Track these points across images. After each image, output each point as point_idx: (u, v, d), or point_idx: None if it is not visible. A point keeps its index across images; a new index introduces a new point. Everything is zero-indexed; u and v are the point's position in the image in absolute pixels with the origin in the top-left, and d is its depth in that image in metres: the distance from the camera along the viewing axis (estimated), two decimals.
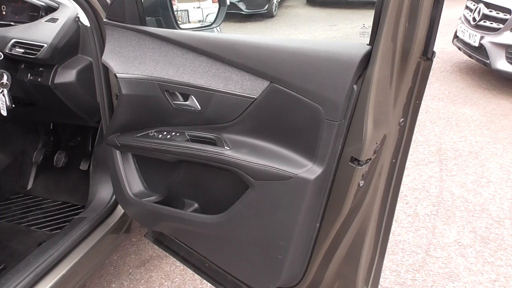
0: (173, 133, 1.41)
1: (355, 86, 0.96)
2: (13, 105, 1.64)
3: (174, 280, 2.11)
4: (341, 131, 1.00)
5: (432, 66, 0.97)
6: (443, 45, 5.85)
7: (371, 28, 0.91)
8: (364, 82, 0.94)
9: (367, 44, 0.94)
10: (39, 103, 1.82)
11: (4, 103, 1.60)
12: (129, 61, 1.40)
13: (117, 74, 1.39)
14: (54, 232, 1.91)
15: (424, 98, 1.02)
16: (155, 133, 1.46)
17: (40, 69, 1.68)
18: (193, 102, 1.31)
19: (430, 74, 0.98)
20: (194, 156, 1.29)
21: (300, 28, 7.85)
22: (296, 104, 1.07)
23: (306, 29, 7.67)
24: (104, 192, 1.89)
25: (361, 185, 1.05)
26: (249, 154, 1.17)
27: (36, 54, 1.58)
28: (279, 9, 9.24)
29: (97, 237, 1.72)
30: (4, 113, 1.61)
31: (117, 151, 1.58)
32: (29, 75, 1.70)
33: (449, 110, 3.91)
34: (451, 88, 4.44)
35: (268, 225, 1.19)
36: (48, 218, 2.02)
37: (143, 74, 1.38)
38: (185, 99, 1.33)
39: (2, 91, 1.60)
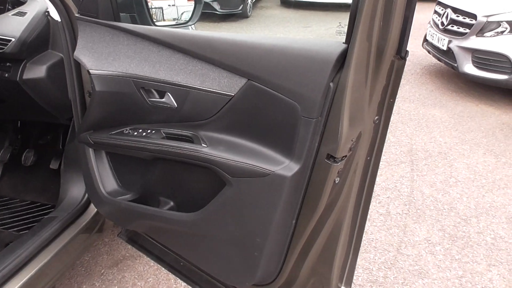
0: (149, 131, 1.39)
1: (331, 84, 0.97)
2: None
3: (148, 280, 2.08)
4: (318, 128, 1.02)
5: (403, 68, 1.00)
6: (413, 48, 6.01)
7: (347, 26, 0.92)
8: (341, 80, 0.96)
9: (343, 43, 0.96)
10: (7, 99, 1.76)
11: None
12: (102, 58, 1.37)
13: (90, 71, 1.36)
14: (22, 232, 1.84)
15: (396, 99, 1.05)
16: (130, 131, 1.44)
17: (7, 64, 1.62)
18: (169, 99, 1.29)
19: (402, 76, 1.01)
20: (170, 153, 1.28)
21: (275, 29, 7.89)
22: (273, 102, 1.07)
23: (281, 30, 7.72)
24: (75, 191, 1.84)
25: (336, 182, 1.06)
26: (226, 151, 1.17)
27: (3, 48, 1.52)
28: (254, 10, 9.25)
29: (68, 237, 1.68)
30: None
31: (90, 149, 1.55)
32: None
33: (419, 111, 4.02)
34: (421, 90, 4.57)
35: (245, 222, 1.19)
36: (16, 219, 1.95)
37: (117, 70, 1.35)
38: (161, 96, 1.32)
39: None
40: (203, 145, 1.21)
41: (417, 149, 3.29)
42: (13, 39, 1.53)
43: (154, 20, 1.94)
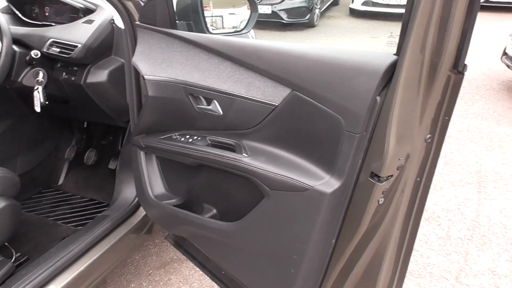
0: (195, 137, 1.41)
1: (378, 98, 0.91)
2: (47, 102, 1.69)
3: (192, 285, 2.10)
4: (362, 144, 0.96)
5: (478, 83, 0.91)
6: (490, 62, 5.59)
7: (398, 37, 0.86)
8: (388, 94, 0.89)
9: (394, 54, 0.89)
10: (72, 101, 1.88)
11: (38, 100, 1.66)
12: (157, 64, 1.41)
13: (144, 76, 1.41)
14: (78, 227, 1.95)
15: (466, 116, 0.96)
16: (178, 136, 1.47)
17: (75, 68, 1.73)
18: (215, 107, 1.30)
19: (475, 91, 0.92)
20: (213, 161, 1.28)
21: (341, 39, 7.75)
22: (317, 114, 1.03)
23: (347, 40, 7.57)
24: (128, 191, 1.91)
25: (380, 202, 0.99)
26: (267, 162, 1.14)
27: (70, 53, 1.63)
28: (321, 19, 9.16)
29: (118, 235, 1.75)
30: (38, 109, 1.67)
31: (141, 152, 1.60)
32: (64, 73, 1.75)
33: (492, 130, 3.70)
34: (497, 107, 4.22)
35: (281, 237, 1.15)
36: (74, 214, 2.07)
37: (169, 76, 1.38)
38: (208, 103, 1.33)
39: (37, 88, 1.66)
40: (244, 154, 1.20)
41: (487, 170, 3.03)
42: (79, 45, 1.64)
43: (212, 28, 1.98)
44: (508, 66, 4.57)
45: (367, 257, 1.11)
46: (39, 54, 1.64)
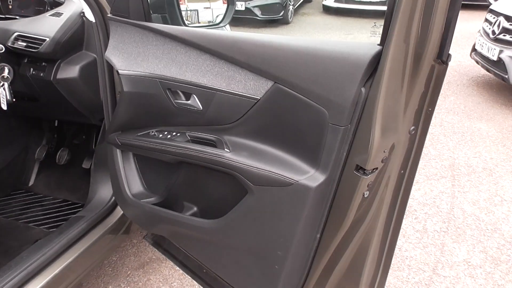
0: (174, 133, 1.37)
1: (363, 89, 0.90)
2: (14, 99, 1.61)
3: (172, 285, 2.06)
4: (347, 137, 0.94)
5: (449, 79, 0.91)
6: (460, 58, 5.75)
7: (382, 27, 0.85)
8: (373, 85, 0.89)
9: (378, 45, 0.88)
10: (41, 98, 1.80)
11: (5, 97, 1.58)
12: (131, 58, 1.36)
13: (119, 71, 1.36)
14: (51, 230, 1.87)
15: (438, 111, 0.96)
16: (156, 133, 1.42)
17: (43, 63, 1.65)
18: (195, 102, 1.26)
19: (446, 87, 0.92)
20: (193, 157, 1.24)
21: (315, 35, 7.79)
22: (300, 107, 1.01)
23: (322, 37, 7.62)
24: (104, 191, 1.85)
25: (366, 195, 0.98)
26: (249, 157, 1.12)
27: (38, 48, 1.55)
28: (295, 16, 9.20)
29: (94, 237, 1.68)
30: (4, 107, 1.59)
31: (118, 150, 1.55)
32: (31, 69, 1.67)
33: (464, 124, 3.81)
34: (467, 102, 4.34)
35: (265, 233, 1.13)
36: (47, 216, 1.99)
37: (145, 71, 1.34)
38: (187, 98, 1.29)
39: (3, 84, 1.58)
40: (226, 150, 1.17)
41: (460, 164, 3.10)
42: (47, 39, 1.56)
43: (188, 22, 1.93)
44: (477, 62, 4.70)
45: (352, 252, 1.10)
46: (3, 49, 1.55)
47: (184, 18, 1.86)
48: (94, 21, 1.55)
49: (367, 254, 1.11)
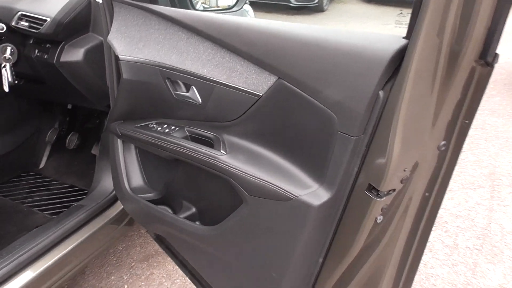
0: (173, 127, 1.25)
1: (381, 92, 0.72)
2: (16, 81, 1.53)
3: (175, 282, 1.96)
4: (359, 149, 0.77)
5: (495, 77, 0.71)
6: (509, 54, 5.30)
7: (410, 16, 0.67)
8: (394, 88, 0.71)
9: (403, 38, 0.70)
10: (48, 81, 1.71)
11: (6, 79, 1.49)
12: (133, 43, 1.25)
13: (119, 56, 1.25)
14: (53, 216, 1.81)
15: (480, 112, 0.76)
16: (154, 125, 1.30)
17: (47, 45, 1.55)
18: (194, 94, 1.12)
19: (491, 86, 0.72)
20: (188, 157, 1.11)
21: (351, 24, 7.44)
22: (306, 108, 0.85)
23: (357, 26, 7.26)
24: (108, 180, 1.76)
25: (379, 220, 0.81)
26: (246, 162, 0.97)
27: (39, 28, 1.45)
28: (331, 3, 8.82)
29: (93, 228, 1.60)
30: (6, 89, 1.51)
31: (119, 140, 1.44)
32: (36, 51, 1.58)
33: (508, 128, 3.47)
34: None
35: (259, 250, 0.99)
36: (52, 201, 1.93)
37: (145, 58, 1.22)
38: (187, 90, 1.16)
39: (4, 65, 1.50)
40: (222, 151, 1.02)
41: (501, 173, 2.82)
42: (48, 19, 1.46)
43: (206, 6, 1.79)
44: None
45: (360, 281, 0.94)
46: (5, 28, 1.46)
47: (201, 2, 1.71)
48: (100, 1, 1.43)
49: (378, 285, 0.94)
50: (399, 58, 0.69)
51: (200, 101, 1.11)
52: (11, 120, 2.06)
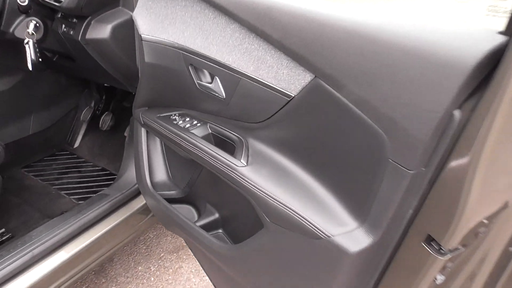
0: (195, 122, 1.08)
1: (457, 113, 0.50)
2: (40, 59, 1.42)
3: (203, 279, 1.85)
4: (417, 187, 0.56)
5: None
6: None
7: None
8: (480, 107, 0.48)
9: (499, 33, 0.47)
10: (77, 59, 1.60)
11: (29, 56, 1.39)
12: (158, 21, 1.09)
13: (142, 36, 1.10)
14: (80, 202, 1.74)
15: None
16: (177, 117, 1.14)
17: (74, 20, 1.42)
18: (217, 86, 0.95)
19: None
20: (204, 162, 0.94)
21: (419, 0, 6.82)
22: (348, 120, 0.64)
23: (425, 2, 6.64)
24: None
25: (438, 281, 0.60)
26: (269, 179, 0.78)
27: (60, 1, 1.31)
28: None
29: (117, 219, 1.52)
30: (30, 67, 1.41)
31: (142, 129, 1.31)
32: (63, 26, 1.46)
33: None
34: None
35: (280, 286, 0.80)
36: (82, 184, 1.86)
37: (169, 39, 1.06)
38: (210, 80, 0.98)
39: (28, 41, 1.39)
40: (242, 161, 0.84)
41: None
42: None
43: None
44: None
45: None
46: (26, 1, 1.34)
47: None
48: None
49: None
50: (491, 63, 0.46)
51: (224, 95, 0.93)
52: (48, 96, 2.00)
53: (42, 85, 1.94)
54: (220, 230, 1.22)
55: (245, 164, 0.82)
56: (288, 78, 0.74)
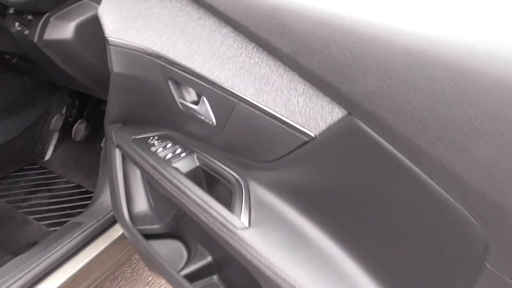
0: (180, 150, 0.85)
1: None
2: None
3: None
4: None
5: None
6: None
7: None
8: None
9: None
10: (38, 62, 1.35)
11: None
12: (129, 19, 0.86)
13: (109, 39, 0.87)
14: (51, 229, 1.50)
15: None
16: (155, 141, 0.91)
17: (29, 17, 1.17)
18: (205, 109, 0.71)
19: None
20: (191, 213, 0.71)
21: None
22: (409, 186, 0.41)
23: None
24: None
25: None
26: (280, 247, 0.56)
27: None
28: None
29: (93, 253, 1.29)
30: None
31: (117, 150, 1.08)
32: (16, 24, 1.20)
33: None
34: None
35: None
36: (53, 206, 1.62)
37: (143, 44, 0.82)
38: (196, 100, 0.76)
39: None
40: (242, 219, 0.61)
41: None
42: None
43: None
44: None
45: None
46: None
47: None
48: None
49: None
50: None
51: (215, 121, 0.70)
52: (13, 102, 1.74)
53: (4, 89, 1.68)
54: (215, 276, 1.00)
55: (247, 224, 0.60)
56: (305, 110, 0.51)
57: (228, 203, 0.67)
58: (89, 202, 1.59)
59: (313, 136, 0.51)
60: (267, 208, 0.62)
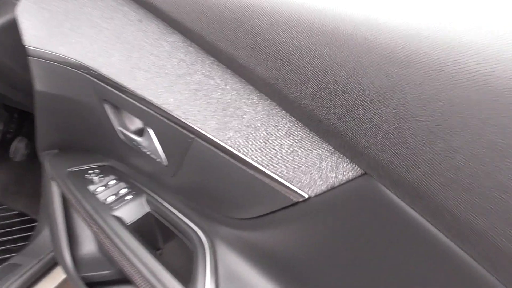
0: (125, 189, 0.67)
1: None
2: None
3: None
4: None
5: None
6: None
7: None
8: None
9: None
10: None
11: None
12: (54, 22, 0.66)
13: (29, 48, 0.67)
14: None
15: None
16: (95, 176, 0.72)
17: None
18: (151, 144, 0.53)
19: None
20: (134, 282, 0.54)
21: None
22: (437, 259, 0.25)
23: None
24: None
25: None
26: None
27: None
28: None
29: None
30: None
31: (53, 182, 0.88)
32: None
33: None
34: None
35: None
36: None
37: (71, 55, 0.63)
38: (139, 131, 0.58)
39: None
40: None
41: None
42: None
43: None
44: None
45: None
46: None
47: None
48: None
49: None
50: None
51: (165, 160, 0.52)
52: None
53: None
54: None
55: None
56: (293, 159, 0.34)
57: (187, 269, 0.50)
58: (32, 233, 1.38)
59: (306, 197, 0.35)
60: (239, 280, 0.45)
